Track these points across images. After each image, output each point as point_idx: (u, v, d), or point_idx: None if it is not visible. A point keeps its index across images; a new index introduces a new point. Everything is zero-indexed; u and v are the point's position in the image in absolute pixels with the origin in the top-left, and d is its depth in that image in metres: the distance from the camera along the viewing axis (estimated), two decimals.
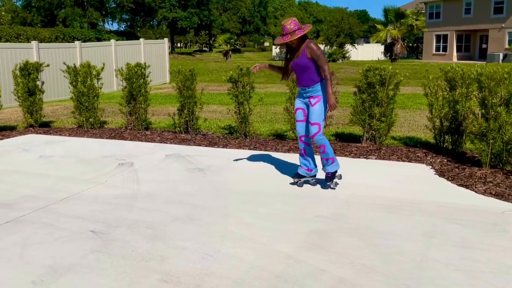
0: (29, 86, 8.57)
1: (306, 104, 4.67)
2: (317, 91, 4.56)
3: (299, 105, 4.75)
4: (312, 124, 4.56)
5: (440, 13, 40.95)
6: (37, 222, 3.90)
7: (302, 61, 4.51)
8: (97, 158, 6.19)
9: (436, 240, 3.46)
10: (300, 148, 4.83)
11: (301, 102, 4.73)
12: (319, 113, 4.54)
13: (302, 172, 4.84)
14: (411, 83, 16.48)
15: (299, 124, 4.77)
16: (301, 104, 4.73)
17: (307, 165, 4.83)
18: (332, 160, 4.70)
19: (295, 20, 4.56)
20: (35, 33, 23.40)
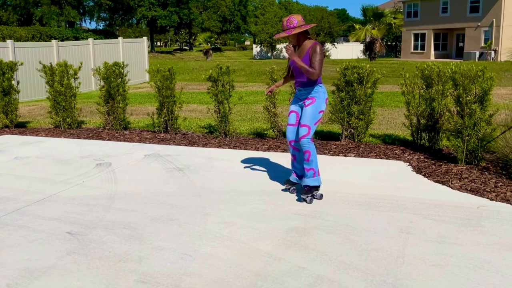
0: (3, 86, 8.41)
1: (301, 107, 4.42)
2: (314, 93, 4.31)
3: (294, 108, 4.49)
4: (302, 125, 4.27)
5: (418, 12, 41.51)
6: (11, 224, 3.83)
7: (305, 62, 4.23)
8: (74, 158, 6.10)
9: (412, 236, 3.51)
10: (291, 155, 4.55)
11: (296, 105, 4.48)
12: (312, 116, 4.26)
13: (294, 179, 4.57)
14: (390, 81, 16.67)
15: (289, 128, 4.46)
16: (296, 107, 4.48)
17: (298, 170, 4.56)
18: (314, 173, 4.31)
19: (298, 16, 4.33)
20: (11, 32, 22.97)
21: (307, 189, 4.33)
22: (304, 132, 4.25)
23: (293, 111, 4.48)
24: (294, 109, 4.48)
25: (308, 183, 4.32)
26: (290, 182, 4.61)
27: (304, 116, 4.28)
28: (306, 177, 4.32)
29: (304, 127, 4.25)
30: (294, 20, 4.25)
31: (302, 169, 4.44)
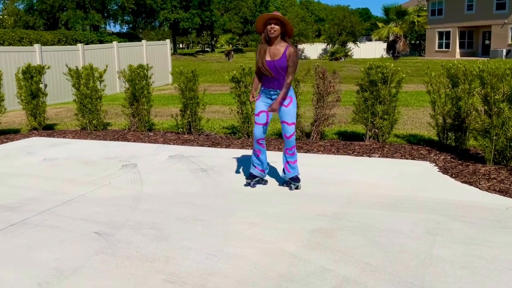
0: (32, 89, 8.60)
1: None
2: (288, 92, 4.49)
3: (263, 107, 4.59)
4: (289, 124, 4.54)
5: (442, 9, 40.83)
6: (41, 225, 3.92)
7: (283, 63, 4.35)
8: (100, 160, 6.21)
9: (439, 237, 3.46)
10: (255, 150, 4.74)
11: (265, 105, 4.60)
12: (294, 114, 4.56)
13: (256, 173, 4.79)
14: (414, 80, 16.45)
15: (260, 127, 4.60)
16: (265, 106, 4.60)
17: (260, 165, 4.77)
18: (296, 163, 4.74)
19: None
20: (38, 36, 23.48)
21: (296, 178, 4.74)
22: (293, 131, 4.59)
23: (263, 111, 4.61)
24: (264, 109, 4.61)
25: (297, 173, 4.74)
26: (252, 176, 4.83)
27: (288, 116, 4.53)
28: (295, 168, 4.72)
29: (292, 125, 4.57)
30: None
31: (267, 163, 4.84)
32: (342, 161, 5.77)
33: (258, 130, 4.62)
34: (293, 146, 4.64)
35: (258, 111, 4.61)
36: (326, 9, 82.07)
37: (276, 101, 4.41)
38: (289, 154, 4.67)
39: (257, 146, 4.71)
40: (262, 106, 4.60)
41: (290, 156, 4.68)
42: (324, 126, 6.94)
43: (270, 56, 4.40)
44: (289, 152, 4.66)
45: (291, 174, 4.72)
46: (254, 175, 4.82)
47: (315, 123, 6.93)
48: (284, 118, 4.55)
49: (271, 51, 4.39)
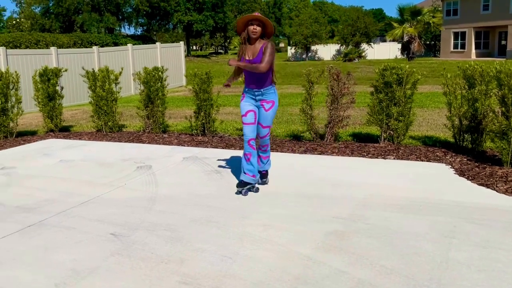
0: (49, 92, 8.72)
1: (258, 107, 4.62)
2: (271, 94, 4.57)
3: (250, 107, 4.59)
4: (264, 127, 4.66)
5: (458, 10, 40.43)
6: (58, 226, 3.97)
7: (259, 59, 4.39)
8: (116, 161, 6.26)
9: (456, 240, 3.42)
10: (246, 153, 4.60)
11: (252, 105, 4.61)
12: (272, 118, 4.67)
13: (248, 179, 4.61)
14: (429, 81, 16.31)
15: (249, 127, 4.57)
16: (253, 106, 4.60)
17: (252, 171, 4.62)
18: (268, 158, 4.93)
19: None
20: (54, 39, 23.78)
21: (265, 172, 4.93)
22: (266, 132, 4.72)
23: (251, 111, 4.61)
24: (251, 108, 4.62)
25: (267, 168, 4.94)
26: (244, 183, 4.65)
27: (266, 119, 4.63)
28: (266, 163, 4.90)
29: (267, 128, 4.71)
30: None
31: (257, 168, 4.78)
32: (357, 163, 5.74)
33: (248, 129, 4.58)
34: (267, 144, 4.82)
35: (245, 111, 4.59)
36: (340, 10, 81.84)
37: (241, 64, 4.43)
38: (262, 151, 4.86)
39: (248, 149, 4.60)
40: (248, 106, 4.61)
41: (263, 152, 4.87)
42: (338, 127, 6.92)
43: (248, 55, 4.47)
44: (263, 148, 4.85)
45: (260, 168, 4.88)
46: (246, 182, 4.62)
47: (329, 125, 6.90)
48: (260, 120, 4.65)
49: (251, 51, 4.46)
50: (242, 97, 4.69)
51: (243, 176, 4.64)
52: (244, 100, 4.65)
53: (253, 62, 4.41)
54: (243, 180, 4.63)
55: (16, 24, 48.58)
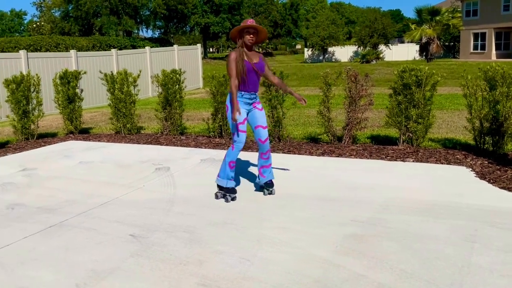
0: (68, 94, 8.84)
1: (248, 111, 4.58)
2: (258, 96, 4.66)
3: (244, 115, 4.51)
4: (265, 128, 4.59)
5: (477, 10, 39.83)
6: (78, 227, 4.02)
7: (262, 66, 4.53)
8: (134, 163, 6.32)
9: (478, 244, 3.37)
10: (233, 161, 4.53)
11: (245, 112, 4.53)
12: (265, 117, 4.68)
13: (234, 185, 4.62)
14: (449, 83, 16.11)
15: (245, 134, 4.48)
16: (245, 114, 4.53)
17: (233, 177, 4.63)
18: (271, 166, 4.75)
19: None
20: (73, 42, 24.12)
21: (270, 182, 4.72)
22: (267, 134, 4.63)
23: (245, 119, 4.52)
24: (245, 117, 4.53)
25: (272, 178, 4.74)
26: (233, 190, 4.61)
27: (263, 119, 4.60)
28: (269, 173, 4.71)
29: (266, 128, 4.63)
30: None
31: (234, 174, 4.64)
32: (375, 166, 5.70)
33: (244, 137, 4.48)
34: (268, 150, 4.63)
35: (243, 119, 4.46)
36: (357, 11, 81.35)
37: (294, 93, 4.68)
38: (264, 159, 4.66)
39: (236, 155, 4.53)
40: (244, 114, 4.52)
41: (265, 161, 4.67)
42: (356, 130, 6.87)
43: (252, 59, 4.48)
44: (264, 156, 4.65)
45: (265, 179, 4.69)
46: (234, 188, 4.63)
47: (347, 127, 6.86)
48: (259, 122, 4.56)
49: (252, 55, 4.50)
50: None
51: (230, 183, 4.57)
52: (240, 108, 4.48)
53: (257, 66, 4.49)
54: (231, 186, 4.59)
55: (36, 27, 49.43)
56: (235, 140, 4.47)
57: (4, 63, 12.55)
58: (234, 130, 4.46)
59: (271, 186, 4.71)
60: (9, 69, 12.49)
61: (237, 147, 4.48)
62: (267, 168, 4.69)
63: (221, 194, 4.64)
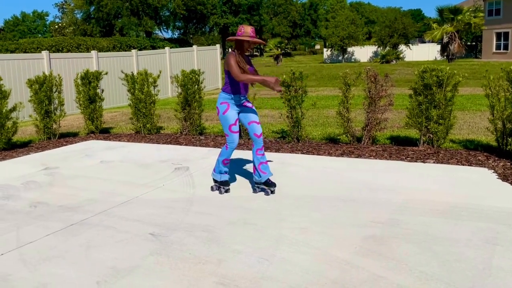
0: (89, 94, 8.97)
1: (238, 112, 4.76)
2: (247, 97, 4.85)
3: (236, 116, 4.72)
4: (258, 123, 4.77)
5: (500, 9, 39.14)
6: (99, 225, 4.08)
7: (252, 70, 4.69)
8: (154, 162, 6.38)
9: (499, 247, 3.32)
10: (227, 159, 4.82)
11: (236, 114, 4.72)
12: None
13: (226, 178, 4.92)
14: (470, 83, 15.86)
15: (237, 135, 4.72)
16: (237, 115, 4.74)
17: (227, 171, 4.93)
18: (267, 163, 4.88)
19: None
20: (94, 43, 24.45)
21: (270, 182, 4.81)
22: (261, 129, 4.78)
23: (237, 119, 4.72)
24: (237, 117, 4.73)
25: (271, 174, 4.82)
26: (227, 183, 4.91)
27: (255, 115, 4.78)
28: (268, 168, 4.79)
29: (259, 124, 4.79)
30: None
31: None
32: (395, 167, 5.65)
33: (237, 137, 4.71)
34: (262, 145, 4.77)
35: (235, 119, 4.67)
36: (377, 11, 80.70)
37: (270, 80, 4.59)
38: (260, 155, 4.76)
39: (230, 156, 4.81)
40: (235, 115, 4.70)
41: (262, 157, 4.77)
42: (376, 130, 6.82)
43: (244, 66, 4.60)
44: (260, 152, 4.76)
45: (267, 176, 4.77)
46: (227, 181, 4.93)
47: (367, 128, 6.82)
48: (252, 118, 4.75)
49: (245, 62, 4.65)
50: (226, 106, 4.67)
51: (224, 177, 4.89)
52: (230, 109, 4.68)
53: (251, 70, 4.67)
54: (226, 180, 4.91)
55: (58, 28, 50.26)
56: (228, 141, 4.72)
57: (27, 64, 12.80)
58: (227, 131, 4.69)
59: (273, 185, 4.81)
60: (31, 69, 12.73)
61: (231, 147, 4.73)
62: (266, 165, 4.78)
63: (216, 186, 4.97)
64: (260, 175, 4.76)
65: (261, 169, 4.75)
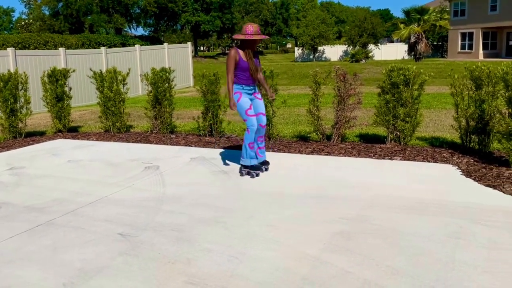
0: (57, 92, 8.79)
1: (251, 100, 5.31)
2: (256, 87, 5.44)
3: (250, 102, 5.25)
4: (264, 114, 5.38)
5: (465, 10, 40.21)
6: (67, 226, 4.01)
7: (257, 63, 5.31)
8: (124, 161, 6.31)
9: (462, 241, 3.43)
10: (251, 142, 5.27)
11: (249, 99, 5.27)
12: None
13: (256, 162, 5.39)
14: (436, 82, 16.25)
15: (255, 118, 5.21)
16: (250, 101, 5.27)
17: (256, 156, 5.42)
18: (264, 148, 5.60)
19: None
20: (62, 40, 23.93)
21: (266, 161, 5.58)
22: (266, 119, 5.44)
23: (251, 104, 5.27)
24: (251, 103, 5.28)
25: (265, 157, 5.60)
26: (258, 167, 5.39)
27: (263, 107, 5.40)
28: (264, 152, 5.56)
29: (265, 115, 5.46)
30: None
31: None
32: (364, 164, 5.75)
33: (255, 120, 5.21)
34: (263, 134, 5.41)
35: (249, 104, 5.21)
36: (347, 11, 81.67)
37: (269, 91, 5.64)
38: (261, 141, 5.43)
39: (253, 139, 5.24)
40: (248, 101, 5.24)
41: (261, 142, 5.45)
42: (345, 128, 6.92)
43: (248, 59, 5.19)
44: (261, 139, 5.42)
45: (262, 158, 5.51)
46: (257, 165, 5.39)
47: (336, 126, 6.91)
48: (260, 110, 5.33)
49: (250, 55, 5.20)
50: (239, 95, 5.22)
51: (253, 161, 5.35)
52: (243, 96, 5.24)
53: (257, 63, 5.31)
54: (255, 164, 5.36)
55: (25, 25, 48.95)
56: (248, 124, 5.19)
57: None
58: (245, 117, 5.19)
59: (267, 163, 5.59)
60: None
61: (252, 129, 5.19)
62: (263, 149, 5.51)
63: (245, 171, 5.36)
64: (257, 158, 5.42)
65: (258, 153, 5.44)
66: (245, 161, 5.31)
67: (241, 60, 5.16)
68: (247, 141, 5.22)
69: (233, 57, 5.13)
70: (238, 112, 5.27)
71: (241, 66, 5.17)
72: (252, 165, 5.31)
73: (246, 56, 5.17)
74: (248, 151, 5.26)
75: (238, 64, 5.16)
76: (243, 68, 5.18)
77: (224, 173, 5.55)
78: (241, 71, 5.19)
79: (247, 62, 5.16)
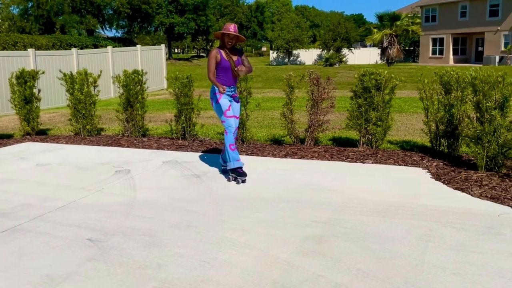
0: (25, 94, 8.58)
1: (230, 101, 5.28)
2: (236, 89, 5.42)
3: (229, 103, 5.24)
4: (238, 118, 5.36)
5: (436, 16, 41.15)
6: (33, 231, 3.90)
7: (239, 62, 5.25)
8: (94, 165, 6.19)
9: (431, 243, 3.48)
10: (232, 144, 5.20)
11: (228, 100, 5.25)
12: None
13: (241, 165, 5.24)
14: (408, 86, 16.53)
15: (233, 119, 5.21)
16: (229, 102, 5.25)
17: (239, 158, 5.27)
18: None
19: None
20: (32, 41, 23.40)
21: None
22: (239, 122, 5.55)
23: (231, 105, 5.26)
24: (230, 104, 5.27)
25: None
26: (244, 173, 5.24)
27: (238, 110, 5.41)
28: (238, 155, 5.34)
29: (239, 118, 5.48)
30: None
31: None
32: (336, 167, 5.79)
33: (233, 121, 5.21)
34: (236, 136, 5.35)
35: (228, 105, 5.20)
36: (321, 15, 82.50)
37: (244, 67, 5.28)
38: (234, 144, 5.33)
39: (233, 140, 5.19)
40: (228, 102, 5.23)
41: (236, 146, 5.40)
42: (318, 132, 6.97)
43: (229, 58, 5.18)
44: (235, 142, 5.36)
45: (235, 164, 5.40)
46: (242, 168, 5.24)
47: (309, 129, 6.95)
48: (236, 113, 5.33)
49: (230, 55, 5.20)
50: (219, 96, 5.21)
51: (239, 163, 5.20)
52: (223, 97, 5.22)
53: (237, 63, 5.23)
54: (240, 166, 5.21)
55: None
56: (226, 126, 5.18)
57: None
58: (223, 118, 5.17)
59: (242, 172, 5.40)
60: None
61: (230, 130, 5.17)
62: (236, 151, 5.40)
63: (233, 176, 5.25)
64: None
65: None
66: (230, 164, 5.23)
67: (222, 59, 5.17)
68: (228, 143, 5.18)
69: (214, 56, 5.15)
70: (216, 113, 5.33)
71: (223, 66, 5.18)
72: (236, 168, 5.20)
73: (227, 55, 5.19)
74: (231, 154, 5.20)
75: (220, 63, 5.17)
76: (224, 67, 5.19)
77: (196, 176, 5.50)
78: (222, 71, 5.21)
79: (228, 61, 5.18)
